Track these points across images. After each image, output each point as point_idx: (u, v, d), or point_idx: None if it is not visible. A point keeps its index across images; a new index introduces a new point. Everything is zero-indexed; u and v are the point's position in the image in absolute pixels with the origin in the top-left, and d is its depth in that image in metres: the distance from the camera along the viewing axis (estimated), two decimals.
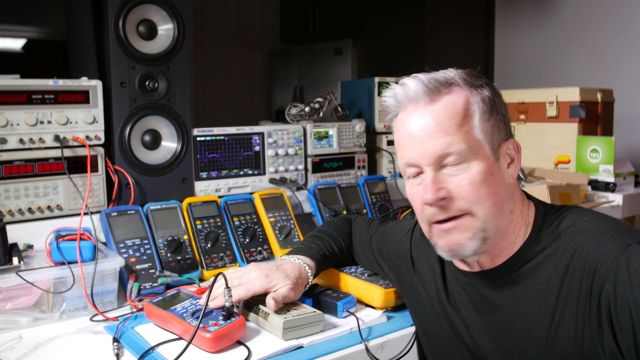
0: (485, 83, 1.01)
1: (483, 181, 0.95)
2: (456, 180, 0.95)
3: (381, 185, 2.03)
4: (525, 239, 1.00)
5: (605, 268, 0.88)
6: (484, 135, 0.97)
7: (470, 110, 0.97)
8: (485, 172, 0.95)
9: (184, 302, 1.14)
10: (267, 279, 1.13)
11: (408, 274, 1.21)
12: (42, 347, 1.08)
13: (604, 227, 0.94)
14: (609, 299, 0.87)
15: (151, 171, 1.61)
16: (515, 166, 1.01)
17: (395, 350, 1.16)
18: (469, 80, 0.99)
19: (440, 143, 0.95)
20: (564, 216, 1.00)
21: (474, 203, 0.95)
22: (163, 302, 1.15)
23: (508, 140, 1.01)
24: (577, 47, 3.90)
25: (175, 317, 1.08)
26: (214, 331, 1.02)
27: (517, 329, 0.99)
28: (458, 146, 0.94)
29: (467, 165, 0.95)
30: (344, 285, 1.31)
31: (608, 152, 2.29)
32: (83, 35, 1.64)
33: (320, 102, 2.06)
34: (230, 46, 5.06)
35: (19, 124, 1.41)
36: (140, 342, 1.08)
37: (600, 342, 0.89)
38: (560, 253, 0.95)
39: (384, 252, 1.30)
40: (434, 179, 0.96)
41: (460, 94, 0.98)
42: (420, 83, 0.97)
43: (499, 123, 0.99)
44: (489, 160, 0.96)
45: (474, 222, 0.96)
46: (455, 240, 0.98)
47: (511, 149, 1.01)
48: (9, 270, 1.16)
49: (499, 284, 1.02)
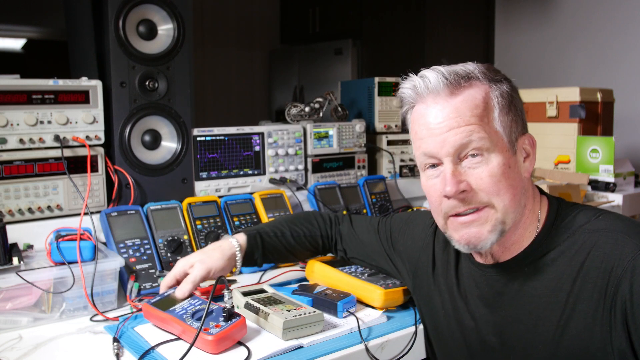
0: (504, 78, 1.02)
1: (502, 174, 0.96)
2: (476, 173, 0.96)
3: (381, 185, 2.03)
4: (538, 232, 1.01)
5: (622, 267, 0.89)
6: (503, 128, 0.98)
7: (490, 103, 0.98)
8: (504, 164, 0.96)
9: (183, 302, 1.14)
10: (185, 260, 1.24)
11: (426, 268, 1.20)
12: (42, 347, 1.08)
13: (621, 226, 0.94)
14: (624, 299, 0.87)
15: (151, 171, 1.61)
16: (530, 161, 1.03)
17: (395, 350, 1.16)
18: (488, 74, 1.00)
19: (461, 132, 0.95)
20: (577, 213, 1.01)
21: (493, 195, 0.96)
22: (161, 303, 1.14)
23: (525, 135, 1.02)
24: (577, 47, 3.90)
25: (175, 319, 1.08)
26: (215, 333, 1.01)
27: (524, 324, 0.99)
28: (479, 135, 0.95)
29: (487, 158, 0.96)
30: (344, 285, 1.30)
31: (608, 152, 2.28)
32: (83, 35, 1.64)
33: (320, 102, 2.06)
34: (230, 46, 5.06)
35: (19, 124, 1.41)
36: (140, 342, 1.08)
37: (610, 342, 0.89)
38: (575, 250, 0.95)
39: (399, 244, 1.29)
40: (453, 172, 0.96)
41: (480, 87, 0.98)
42: (441, 75, 0.98)
43: (516, 117, 1.00)
44: (507, 154, 0.98)
45: (494, 214, 0.97)
46: (475, 234, 0.98)
47: (527, 143, 1.02)
48: (9, 270, 1.16)
49: (511, 277, 1.02)
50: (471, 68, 1.00)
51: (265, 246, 1.33)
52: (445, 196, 0.97)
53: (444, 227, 1.03)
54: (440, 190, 0.98)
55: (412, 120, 1.04)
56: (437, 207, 1.02)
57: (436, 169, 1.00)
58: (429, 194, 1.03)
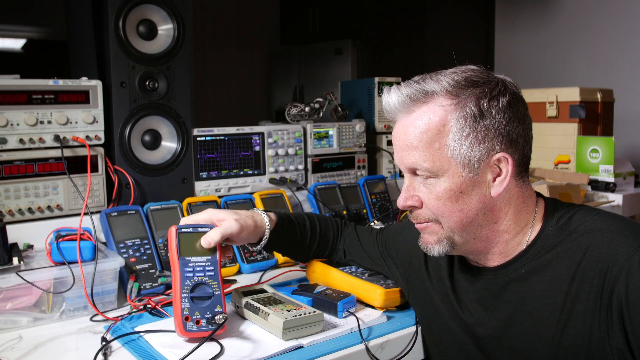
0: (478, 93, 0.96)
1: (449, 198, 0.98)
2: (426, 191, 1.00)
3: (381, 185, 2.03)
4: (534, 236, 1.01)
5: (617, 267, 0.89)
6: (458, 152, 0.95)
7: (445, 127, 0.96)
8: (452, 190, 0.97)
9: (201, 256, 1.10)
10: (217, 212, 1.19)
11: (419, 272, 1.21)
12: (42, 347, 1.08)
13: (616, 226, 0.95)
14: (620, 299, 0.88)
15: (151, 171, 1.61)
16: (502, 180, 0.98)
17: (395, 350, 1.16)
18: (456, 91, 0.96)
19: (410, 157, 0.99)
20: (573, 214, 1.01)
21: (439, 215, 1.00)
22: (186, 239, 1.10)
23: (499, 153, 0.96)
24: (577, 47, 3.90)
25: (176, 280, 1.05)
26: (190, 330, 1.03)
27: (523, 325, 0.99)
28: (424, 165, 0.98)
29: (435, 181, 0.99)
30: (344, 285, 1.30)
31: (608, 152, 2.28)
32: (83, 35, 1.64)
33: (320, 102, 2.06)
34: (230, 46, 5.06)
35: (19, 124, 1.41)
36: (141, 341, 1.08)
37: (608, 341, 0.89)
38: (571, 251, 0.96)
39: (392, 250, 1.30)
40: (408, 186, 1.03)
41: (437, 109, 0.96)
42: (400, 95, 1.00)
43: (482, 138, 0.95)
44: (459, 178, 0.97)
45: (440, 229, 1.01)
46: (425, 240, 1.05)
47: (500, 162, 0.97)
48: (9, 270, 1.16)
49: (508, 280, 1.02)
50: (436, 86, 0.96)
51: (283, 226, 1.31)
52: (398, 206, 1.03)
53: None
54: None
55: None
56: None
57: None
58: None
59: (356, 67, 4.43)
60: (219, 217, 1.18)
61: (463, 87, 0.96)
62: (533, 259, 1.00)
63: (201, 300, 1.06)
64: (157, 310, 1.23)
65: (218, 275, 1.10)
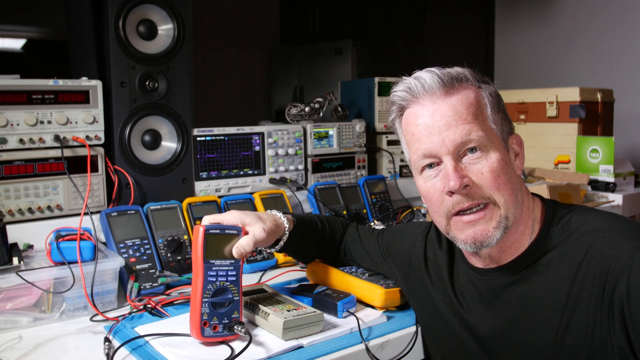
0: (489, 81, 1.05)
1: (501, 169, 0.98)
2: (477, 169, 0.97)
3: (381, 185, 2.03)
4: (535, 235, 1.02)
5: (618, 267, 0.89)
6: (496, 126, 1.01)
7: (482, 102, 1.01)
8: (502, 160, 0.99)
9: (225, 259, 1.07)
10: (242, 215, 1.17)
11: (419, 272, 1.20)
12: (42, 347, 1.08)
13: (617, 226, 0.95)
14: (622, 298, 0.88)
15: (151, 171, 1.61)
16: (520, 159, 1.06)
17: (395, 350, 1.16)
18: (476, 76, 1.04)
19: (460, 131, 0.97)
20: (573, 214, 1.01)
21: (494, 190, 0.97)
22: (214, 240, 1.07)
23: (512, 134, 1.05)
24: (577, 47, 3.90)
25: (197, 284, 1.04)
26: (207, 336, 1.04)
27: (525, 325, 0.99)
28: (478, 134, 0.97)
29: (486, 154, 0.98)
30: (344, 285, 1.30)
31: (608, 152, 2.29)
32: (83, 35, 1.64)
33: (320, 102, 2.06)
34: (230, 46, 5.06)
35: (19, 124, 1.41)
36: (141, 342, 1.08)
37: (610, 341, 0.89)
38: (573, 251, 0.96)
39: (392, 250, 1.30)
40: (455, 167, 0.97)
41: (471, 88, 1.02)
42: (436, 76, 1.00)
43: (505, 117, 1.04)
44: (503, 150, 1.00)
45: (498, 211, 0.98)
46: (481, 231, 0.98)
47: (515, 143, 1.05)
48: (9, 270, 1.16)
49: (510, 280, 1.02)
50: (461, 70, 1.03)
51: (300, 228, 1.30)
52: (450, 192, 0.97)
53: (447, 228, 1.03)
54: (440, 188, 0.99)
55: (407, 123, 1.04)
56: (438, 208, 1.01)
57: (434, 169, 1.00)
58: (428, 195, 1.03)
59: (356, 67, 4.43)
60: (245, 222, 1.15)
61: (478, 74, 1.05)
62: (534, 259, 1.00)
63: (221, 306, 1.06)
64: (157, 310, 1.23)
65: (239, 280, 1.09)
